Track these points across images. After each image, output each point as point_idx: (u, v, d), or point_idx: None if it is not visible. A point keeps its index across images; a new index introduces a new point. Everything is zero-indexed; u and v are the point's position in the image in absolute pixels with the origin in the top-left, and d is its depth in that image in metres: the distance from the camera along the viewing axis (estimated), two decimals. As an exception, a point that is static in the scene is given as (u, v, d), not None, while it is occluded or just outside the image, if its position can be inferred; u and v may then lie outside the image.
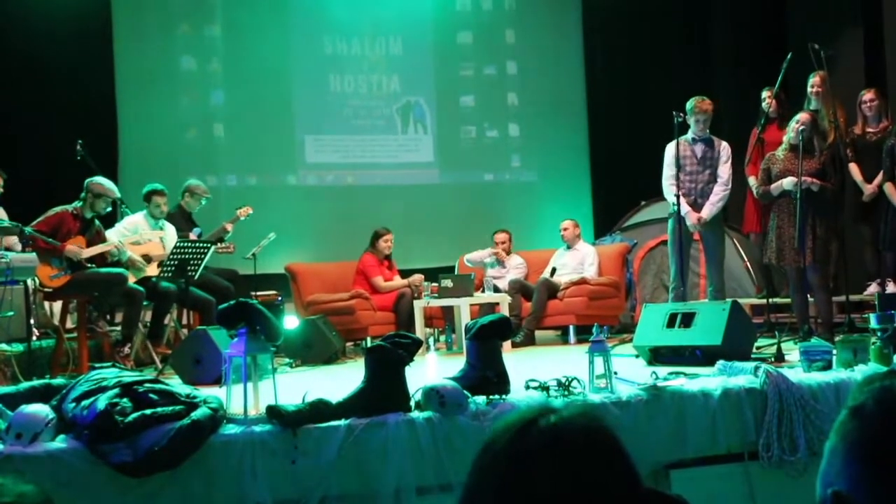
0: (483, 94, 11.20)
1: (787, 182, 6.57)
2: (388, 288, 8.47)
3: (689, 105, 7.07)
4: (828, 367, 4.78)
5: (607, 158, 10.94)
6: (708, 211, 7.04)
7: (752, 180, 7.62)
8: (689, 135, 7.15)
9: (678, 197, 6.93)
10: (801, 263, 6.54)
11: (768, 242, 6.77)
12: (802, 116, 6.79)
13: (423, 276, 8.58)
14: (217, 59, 10.34)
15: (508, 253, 9.08)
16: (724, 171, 7.10)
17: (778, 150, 6.85)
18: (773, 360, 5.34)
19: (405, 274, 8.75)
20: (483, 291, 8.42)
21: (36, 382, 4.53)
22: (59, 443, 3.68)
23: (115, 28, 9.93)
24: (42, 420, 3.70)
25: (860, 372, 4.65)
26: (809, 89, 7.47)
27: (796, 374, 4.65)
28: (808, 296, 6.80)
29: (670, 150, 7.09)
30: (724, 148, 7.17)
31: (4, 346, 6.43)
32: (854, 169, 7.25)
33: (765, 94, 7.80)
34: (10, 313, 6.40)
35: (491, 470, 1.14)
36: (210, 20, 10.35)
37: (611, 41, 10.85)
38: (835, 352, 4.90)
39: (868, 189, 7.14)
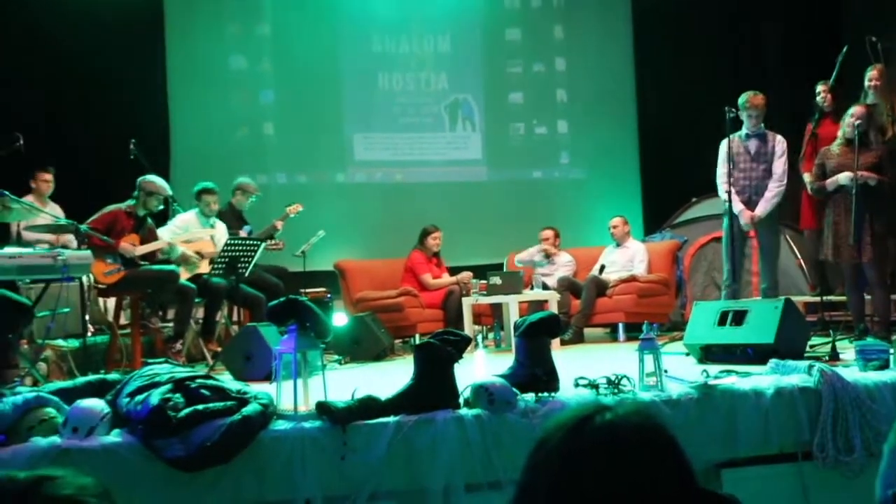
0: (532, 91, 11.16)
1: (843, 177, 6.45)
2: (437, 285, 8.48)
3: (741, 100, 6.96)
4: (884, 366, 4.69)
5: (657, 155, 10.83)
6: (762, 208, 6.92)
7: (806, 176, 7.49)
8: (743, 130, 7.03)
9: (729, 194, 6.83)
10: (858, 260, 6.42)
11: (824, 239, 6.65)
12: (857, 110, 6.65)
13: (471, 274, 8.57)
14: (267, 59, 10.44)
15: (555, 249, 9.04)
16: (779, 166, 6.97)
17: (833, 145, 6.73)
18: (827, 358, 5.27)
19: (454, 271, 8.76)
20: (532, 289, 8.40)
21: (91, 378, 4.61)
22: (114, 437, 3.74)
23: (167, 29, 10.07)
24: (97, 414, 3.76)
25: (918, 371, 4.56)
26: (867, 83, 7.32)
27: (852, 373, 4.57)
28: (864, 293, 6.68)
29: (724, 146, 6.98)
30: (779, 142, 7.04)
31: (61, 342, 6.55)
32: (912, 162, 7.09)
33: (820, 87, 7.66)
34: (66, 310, 6.52)
35: (544, 467, 1.13)
36: (259, 20, 10.44)
37: (660, 36, 10.73)
38: (892, 351, 4.81)
39: None
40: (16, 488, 1.02)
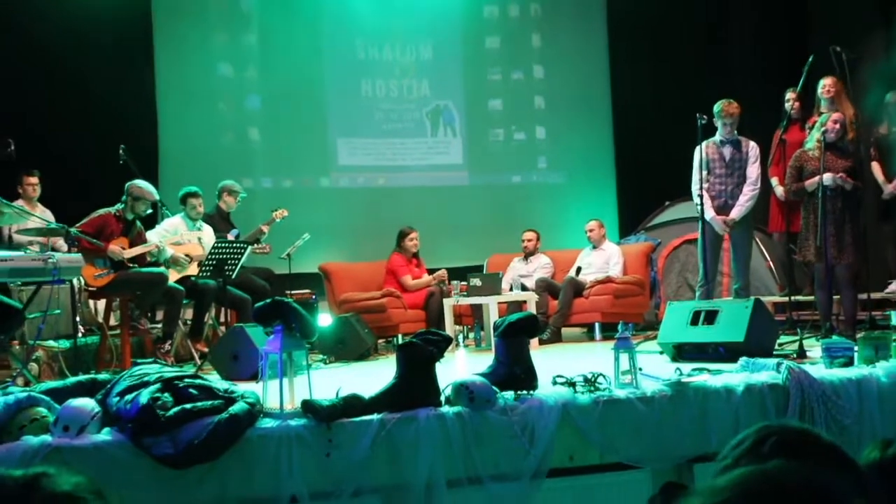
0: (510, 98, 11.19)
1: (828, 177, 6.42)
2: (417, 286, 8.49)
3: (716, 108, 6.98)
4: (849, 363, 4.73)
5: (632, 159, 10.89)
6: (737, 212, 6.95)
7: (774, 181, 7.56)
8: (717, 137, 7.05)
9: (701, 197, 6.86)
10: (833, 261, 6.44)
11: (802, 240, 6.66)
12: (837, 115, 6.68)
13: (445, 272, 8.59)
14: (253, 66, 10.41)
15: (535, 251, 9.07)
16: (753, 171, 7.01)
17: (808, 149, 6.69)
18: (795, 356, 5.30)
19: (434, 272, 8.78)
20: (511, 290, 8.42)
21: (82, 377, 4.60)
22: (105, 435, 3.73)
23: (156, 37, 10.02)
24: (88, 413, 3.75)
25: (881, 368, 4.61)
26: (820, 91, 7.39)
27: (818, 370, 4.61)
28: (833, 293, 6.72)
29: (697, 153, 7.00)
30: (752, 148, 7.07)
31: (52, 343, 6.52)
32: (876, 168, 7.17)
33: (789, 95, 7.72)
34: (57, 311, 6.49)
35: None
36: (246, 28, 10.42)
37: (634, 44, 10.78)
38: (856, 349, 4.85)
39: (889, 188, 7.06)
40: (15, 484, 1.03)
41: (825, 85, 7.35)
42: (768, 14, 10.62)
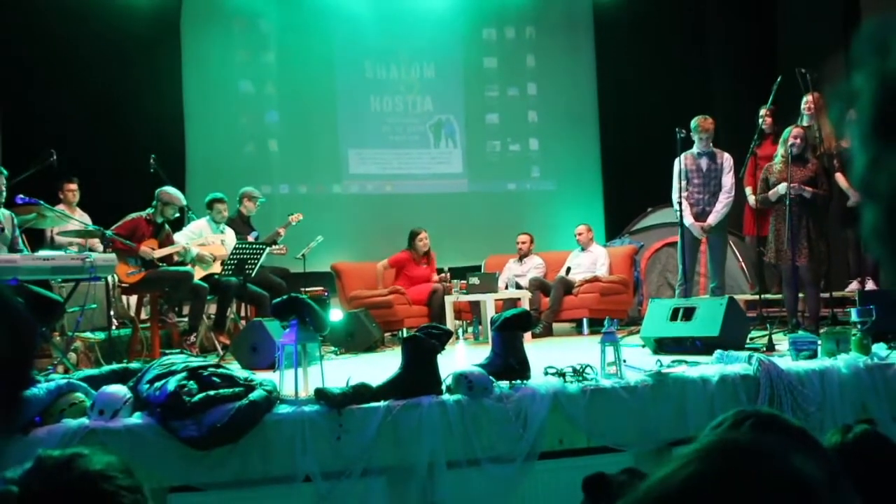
0: (506, 113, 11.18)
1: (782, 187, 6.50)
2: (384, 266, 8.69)
3: (693, 124, 6.99)
4: (813, 356, 4.74)
5: (617, 169, 10.88)
6: (713, 218, 6.98)
7: (748, 190, 7.57)
8: (695, 149, 7.07)
9: (680, 204, 6.87)
10: (796, 262, 6.47)
11: (769, 244, 6.71)
12: (795, 131, 6.72)
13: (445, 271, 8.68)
14: (271, 83, 10.42)
15: (528, 253, 9.07)
16: (727, 180, 7.03)
17: (775, 162, 6.78)
18: (765, 349, 5.31)
19: (438, 272, 8.82)
20: (507, 288, 8.42)
21: (115, 366, 4.62)
22: (136, 419, 3.75)
23: (184, 57, 10.03)
24: (121, 399, 3.76)
25: (842, 360, 4.61)
26: (803, 106, 7.40)
27: (785, 362, 4.62)
28: (798, 292, 6.73)
29: (677, 164, 7.01)
30: (727, 159, 7.10)
31: (88, 334, 6.53)
32: (840, 178, 7.17)
33: (763, 111, 7.73)
34: (94, 306, 6.51)
35: None
36: (265, 48, 10.43)
37: (620, 64, 10.77)
38: (820, 342, 4.86)
39: (854, 195, 7.04)
40: (55, 462, 1.04)
41: (807, 101, 7.35)
42: (743, 37, 10.62)
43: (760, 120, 7.68)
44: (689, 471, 0.79)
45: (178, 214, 7.15)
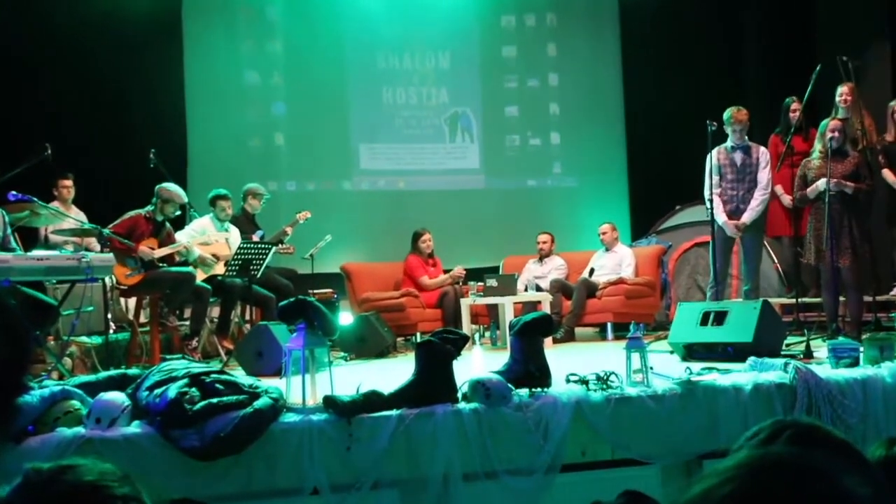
0: (526, 105, 11.17)
1: (822, 183, 6.40)
2: (434, 285, 8.47)
3: (726, 115, 6.93)
4: (855, 363, 4.69)
5: (644, 164, 10.84)
6: (748, 215, 6.91)
7: (779, 189, 7.51)
8: (728, 143, 7.01)
9: (712, 201, 6.83)
10: (837, 264, 6.39)
11: (807, 244, 6.63)
12: (833, 123, 6.64)
13: (463, 270, 8.55)
14: (278, 74, 10.45)
15: (549, 253, 9.06)
16: (763, 176, 6.97)
17: (813, 157, 6.68)
18: (802, 356, 5.26)
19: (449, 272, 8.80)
20: (526, 290, 8.40)
21: (113, 372, 4.63)
22: (134, 428, 3.76)
23: (185, 46, 10.07)
24: (119, 407, 3.77)
25: (886, 368, 4.57)
26: (837, 98, 7.33)
27: (824, 370, 4.58)
28: (839, 295, 6.66)
29: (709, 159, 6.96)
30: (763, 154, 7.03)
31: (85, 339, 6.57)
32: (888, 174, 7.11)
33: (793, 104, 7.66)
34: (90, 308, 6.54)
35: None
36: (271, 37, 10.46)
37: (647, 53, 10.74)
38: (862, 349, 4.81)
39: None
40: (40, 478, 1.03)
41: (842, 93, 7.29)
42: (780, 23, 10.54)
43: (792, 113, 7.63)
44: (730, 488, 0.78)
45: (179, 212, 7.17)
